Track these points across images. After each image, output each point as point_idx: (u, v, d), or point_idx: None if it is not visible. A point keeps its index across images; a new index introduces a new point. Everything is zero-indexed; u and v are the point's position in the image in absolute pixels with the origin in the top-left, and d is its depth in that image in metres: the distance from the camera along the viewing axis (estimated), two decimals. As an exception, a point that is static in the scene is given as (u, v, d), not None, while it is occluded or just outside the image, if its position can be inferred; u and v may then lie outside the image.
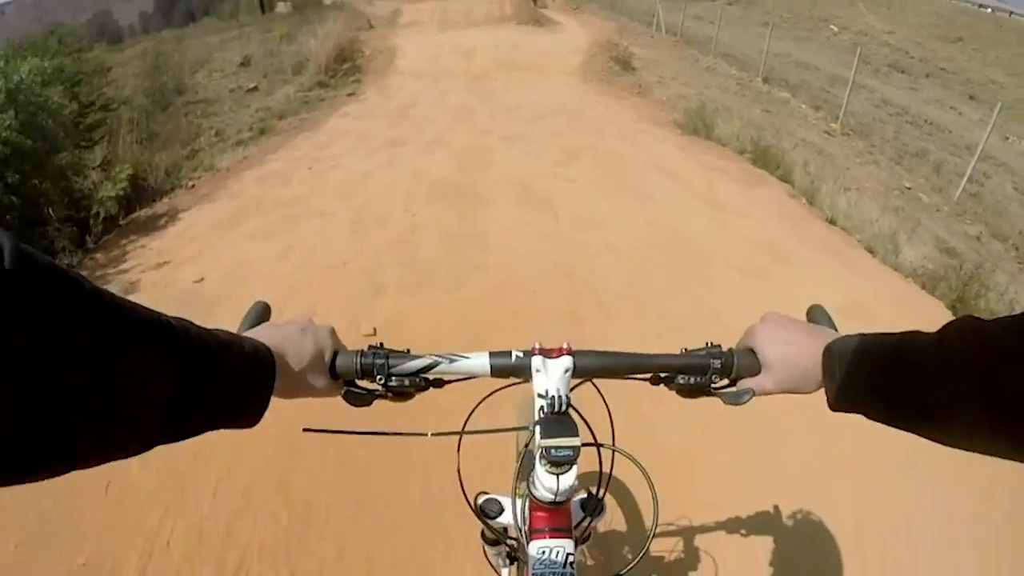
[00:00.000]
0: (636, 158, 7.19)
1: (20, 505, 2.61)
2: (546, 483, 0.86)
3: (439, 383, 0.93)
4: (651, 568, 2.24)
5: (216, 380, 0.64)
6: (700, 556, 2.31)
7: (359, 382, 0.92)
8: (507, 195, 6.00)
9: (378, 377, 0.89)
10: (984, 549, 2.54)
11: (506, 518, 1.10)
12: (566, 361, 0.89)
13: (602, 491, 1.02)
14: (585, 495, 1.07)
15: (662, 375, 0.93)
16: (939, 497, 2.74)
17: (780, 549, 2.36)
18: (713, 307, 4.11)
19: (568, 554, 0.90)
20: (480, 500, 1.12)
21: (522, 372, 0.91)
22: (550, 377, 0.89)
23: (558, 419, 0.85)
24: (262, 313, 0.93)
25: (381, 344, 0.91)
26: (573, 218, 5.44)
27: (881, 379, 0.71)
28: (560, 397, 0.87)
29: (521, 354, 0.91)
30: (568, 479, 0.86)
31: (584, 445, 0.86)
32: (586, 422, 0.95)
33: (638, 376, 0.93)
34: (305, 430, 0.96)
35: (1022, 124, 15.71)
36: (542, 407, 0.87)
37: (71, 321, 0.44)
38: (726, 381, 0.92)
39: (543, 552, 0.90)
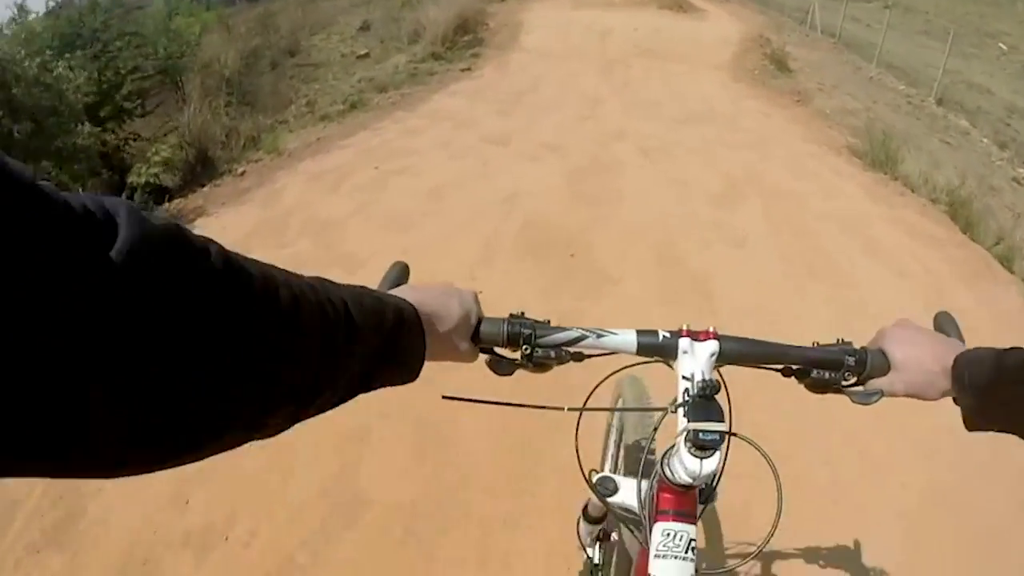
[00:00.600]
0: (823, 210, 4.64)
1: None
2: (689, 465, 0.76)
3: (580, 357, 0.84)
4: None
5: (353, 357, 0.55)
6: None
7: (498, 350, 0.82)
8: (638, 265, 3.62)
9: (524, 347, 0.80)
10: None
11: (620, 497, 1.00)
12: (713, 345, 0.81)
13: (718, 478, 0.84)
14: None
15: (794, 367, 0.85)
16: None
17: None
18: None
19: (691, 539, 0.82)
20: (594, 477, 1.02)
21: (668, 352, 0.83)
22: (697, 360, 0.81)
23: (706, 403, 0.76)
24: (401, 274, 0.82)
25: (522, 313, 0.82)
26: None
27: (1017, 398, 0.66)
28: (711, 381, 0.77)
29: (668, 334, 0.83)
30: (711, 464, 0.76)
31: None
32: (730, 408, 0.81)
33: (771, 367, 0.86)
34: (444, 398, 0.88)
35: None
36: (687, 389, 0.79)
37: (190, 309, 0.37)
38: (855, 379, 0.83)
39: (667, 534, 0.81)
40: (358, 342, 0.54)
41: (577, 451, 0.95)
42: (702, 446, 0.74)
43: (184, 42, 9.84)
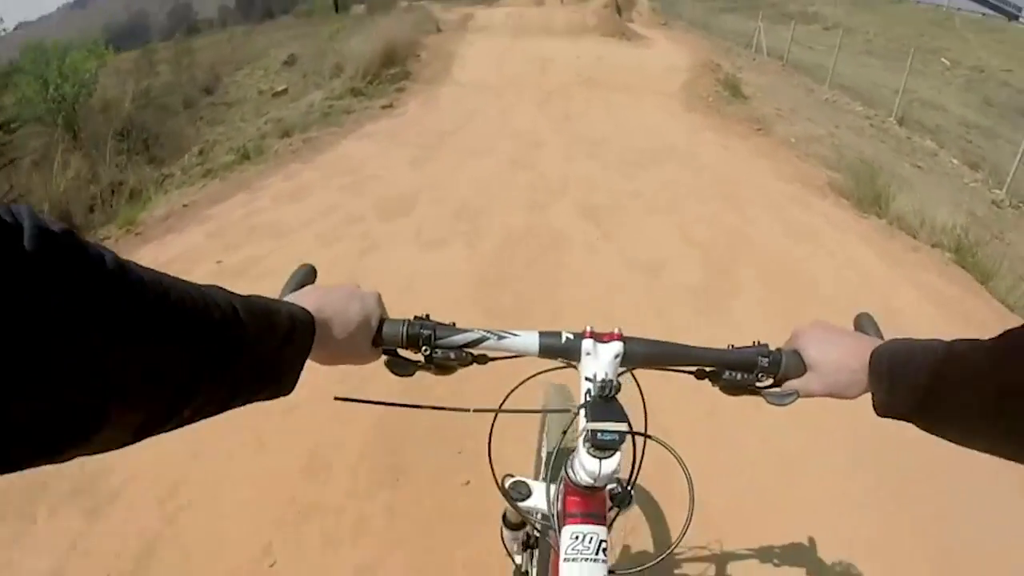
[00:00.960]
0: (835, 291, 3.35)
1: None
2: (588, 467, 0.70)
3: (483, 359, 0.77)
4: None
5: (240, 362, 0.50)
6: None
7: (401, 352, 0.75)
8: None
9: (423, 348, 0.73)
10: None
11: (533, 502, 0.90)
12: (617, 346, 0.74)
13: (632, 482, 0.81)
14: (614, 485, 0.85)
15: (708, 370, 0.78)
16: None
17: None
18: None
19: (601, 540, 0.75)
20: (507, 482, 0.91)
21: (571, 354, 0.75)
22: (600, 361, 0.74)
23: (606, 403, 0.70)
24: (306, 276, 0.73)
25: (427, 316, 0.75)
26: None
27: (927, 385, 0.58)
28: (611, 382, 0.71)
29: (571, 336, 0.75)
30: (611, 464, 0.70)
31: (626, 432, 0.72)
32: (645, 410, 0.79)
33: (684, 369, 0.78)
34: (336, 399, 0.80)
35: None
36: (588, 390, 0.72)
37: (86, 308, 0.36)
38: (771, 380, 0.76)
39: (576, 537, 0.74)
40: (246, 345, 0.50)
41: (490, 455, 0.83)
42: (601, 446, 0.68)
43: (77, 81, 8.22)
